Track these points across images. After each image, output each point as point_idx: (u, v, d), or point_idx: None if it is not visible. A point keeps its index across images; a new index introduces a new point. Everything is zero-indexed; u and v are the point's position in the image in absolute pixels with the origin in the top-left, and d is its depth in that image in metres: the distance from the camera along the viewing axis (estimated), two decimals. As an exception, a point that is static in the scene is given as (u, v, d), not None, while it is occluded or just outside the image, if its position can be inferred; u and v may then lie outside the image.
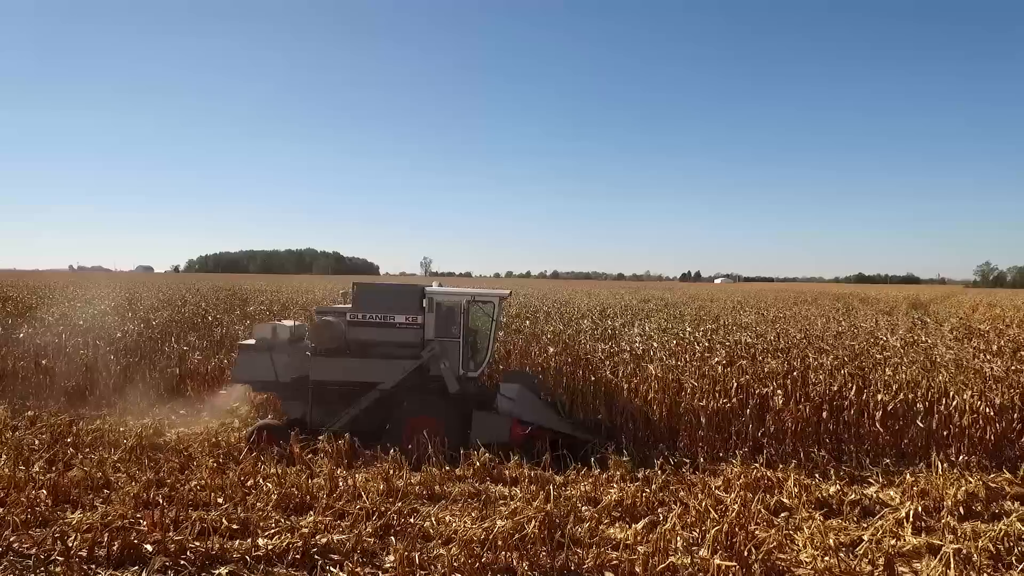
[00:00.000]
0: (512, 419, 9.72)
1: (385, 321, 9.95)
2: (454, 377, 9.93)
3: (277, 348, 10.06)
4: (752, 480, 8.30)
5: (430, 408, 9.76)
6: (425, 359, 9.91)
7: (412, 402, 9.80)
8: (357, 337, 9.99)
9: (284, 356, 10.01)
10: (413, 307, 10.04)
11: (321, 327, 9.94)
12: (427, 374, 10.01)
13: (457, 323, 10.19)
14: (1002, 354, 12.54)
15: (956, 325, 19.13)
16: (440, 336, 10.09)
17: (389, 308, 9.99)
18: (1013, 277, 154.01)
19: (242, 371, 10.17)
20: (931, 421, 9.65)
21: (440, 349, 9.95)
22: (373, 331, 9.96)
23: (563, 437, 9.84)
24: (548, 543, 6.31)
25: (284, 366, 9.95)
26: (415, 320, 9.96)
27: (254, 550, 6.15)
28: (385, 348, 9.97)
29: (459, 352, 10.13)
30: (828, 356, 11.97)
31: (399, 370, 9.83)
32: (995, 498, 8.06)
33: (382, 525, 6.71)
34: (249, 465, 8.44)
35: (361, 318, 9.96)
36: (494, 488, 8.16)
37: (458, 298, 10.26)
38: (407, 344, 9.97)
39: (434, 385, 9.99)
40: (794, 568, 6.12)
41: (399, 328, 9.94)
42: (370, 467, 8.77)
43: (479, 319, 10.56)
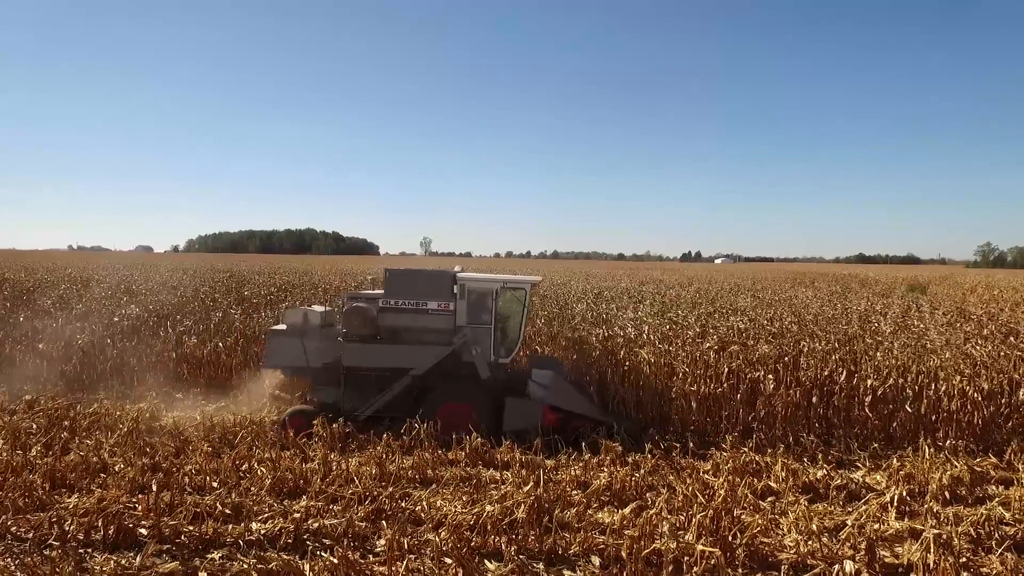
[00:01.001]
0: (544, 405, 9.83)
1: (417, 307, 9.98)
2: (485, 363, 10.02)
3: (308, 334, 10.13)
4: (740, 465, 8.39)
5: (463, 394, 9.86)
6: (457, 345, 9.97)
7: (445, 388, 9.90)
8: (389, 323, 10.03)
9: (315, 342, 10.08)
10: (445, 293, 10.07)
11: (353, 313, 9.96)
12: (458, 360, 10.07)
13: (488, 309, 10.24)
14: (993, 338, 12.61)
15: (949, 309, 19.20)
16: (471, 322, 10.14)
17: (421, 294, 10.01)
18: (1014, 257, 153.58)
19: (273, 357, 10.26)
20: (920, 406, 9.75)
21: (472, 335, 10.00)
22: (405, 317, 10.00)
23: (594, 423, 9.90)
24: (537, 527, 6.42)
25: (315, 352, 10.02)
26: (447, 306, 10.00)
27: (247, 534, 6.26)
28: (417, 334, 10.02)
29: (490, 338, 10.20)
30: (820, 341, 12.03)
31: (431, 356, 9.90)
32: (980, 482, 8.17)
33: (374, 509, 6.82)
34: (244, 450, 8.54)
35: (393, 304, 10.00)
36: (486, 472, 8.27)
37: (489, 284, 10.30)
38: (439, 330, 10.01)
39: (465, 371, 10.06)
40: (777, 552, 6.23)
41: (431, 314, 9.98)
42: (363, 451, 8.86)
43: (509, 305, 10.61)
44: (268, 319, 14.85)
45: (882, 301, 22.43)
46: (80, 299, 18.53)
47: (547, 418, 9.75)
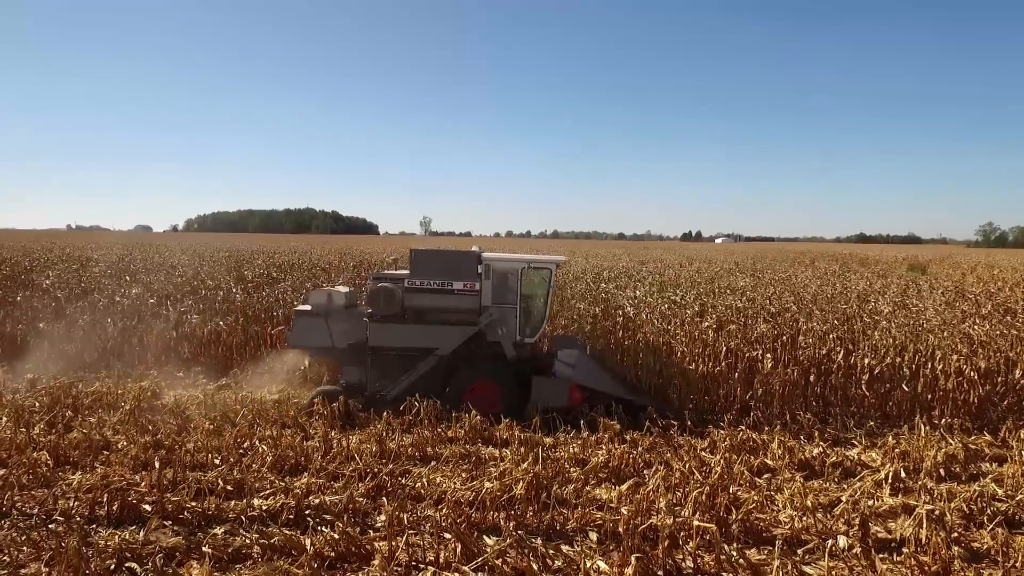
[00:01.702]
0: (571, 383, 9.91)
1: (443, 288, 10.00)
2: (511, 343, 10.08)
3: (333, 314, 10.17)
4: (737, 442, 8.48)
5: (490, 373, 9.94)
6: (483, 325, 10.02)
7: (473, 368, 9.97)
8: (414, 303, 10.04)
9: (340, 322, 10.13)
10: (471, 273, 10.08)
11: (379, 293, 9.98)
12: (484, 340, 10.13)
13: (513, 289, 10.29)
14: (991, 318, 12.63)
15: (948, 288, 19.21)
16: (496, 302, 10.19)
17: (447, 274, 10.03)
18: (1015, 237, 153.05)
19: (298, 337, 10.29)
20: (916, 384, 9.82)
21: (498, 315, 10.05)
22: (431, 297, 10.01)
23: (621, 401, 9.97)
24: (535, 503, 6.51)
25: (340, 332, 10.08)
26: (473, 287, 10.02)
27: (249, 510, 6.35)
28: (442, 314, 10.05)
29: (516, 318, 10.26)
30: (818, 320, 12.06)
31: (457, 336, 9.95)
32: (974, 460, 8.27)
33: (374, 486, 6.90)
34: (245, 427, 8.62)
35: (419, 285, 10.01)
36: (485, 450, 8.35)
37: (514, 264, 10.33)
38: (465, 310, 10.04)
39: (491, 351, 10.12)
40: (772, 528, 6.32)
41: (457, 295, 10.00)
42: (364, 429, 8.94)
43: (534, 285, 10.63)
44: (269, 298, 14.86)
45: (881, 281, 22.44)
46: (79, 279, 18.53)
47: (573, 397, 9.83)
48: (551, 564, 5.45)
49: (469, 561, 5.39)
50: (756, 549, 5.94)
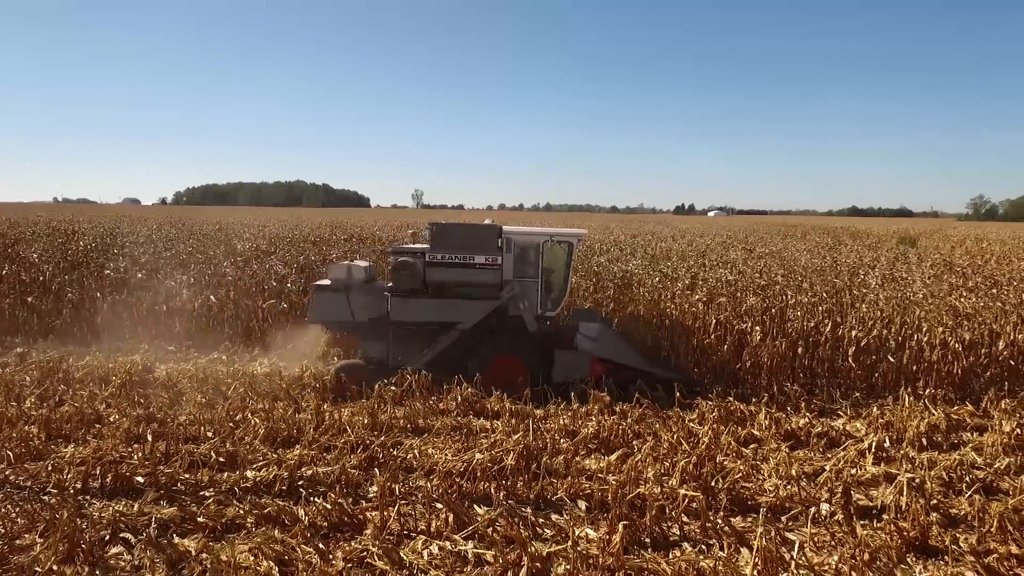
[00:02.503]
0: (593, 357, 9.99)
1: (464, 261, 10.02)
2: (533, 316, 10.13)
3: (354, 288, 10.15)
4: (725, 413, 8.61)
5: (513, 347, 9.98)
6: (504, 299, 10.05)
7: (495, 341, 10.01)
8: (436, 278, 10.05)
9: (361, 296, 10.11)
10: (492, 247, 10.09)
11: (400, 267, 9.95)
12: (506, 314, 10.17)
13: (533, 263, 10.30)
14: (977, 290, 12.77)
15: (937, 261, 19.38)
16: (518, 276, 10.22)
17: (468, 248, 10.03)
18: (1005, 210, 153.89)
19: (318, 311, 10.27)
20: (902, 356, 9.96)
21: (519, 289, 10.08)
22: (452, 271, 10.01)
23: (643, 375, 10.02)
24: (525, 474, 6.61)
25: (361, 306, 10.07)
26: (494, 260, 10.03)
27: (242, 482, 6.42)
28: (464, 288, 10.07)
29: (537, 292, 10.30)
30: (807, 293, 12.15)
31: (479, 310, 9.98)
32: (955, 429, 8.44)
33: (366, 457, 6.98)
34: (237, 401, 8.66)
35: (440, 259, 10.02)
36: (476, 422, 8.43)
37: (535, 238, 10.31)
38: (486, 284, 10.06)
39: (512, 324, 10.16)
40: (757, 496, 6.45)
41: (479, 268, 10.03)
42: (355, 402, 9.00)
43: (555, 258, 10.62)
44: (261, 272, 14.80)
45: (871, 254, 22.59)
46: (64, 253, 18.35)
47: (595, 370, 9.93)
48: (541, 532, 5.56)
49: (460, 530, 5.49)
50: (741, 517, 6.08)
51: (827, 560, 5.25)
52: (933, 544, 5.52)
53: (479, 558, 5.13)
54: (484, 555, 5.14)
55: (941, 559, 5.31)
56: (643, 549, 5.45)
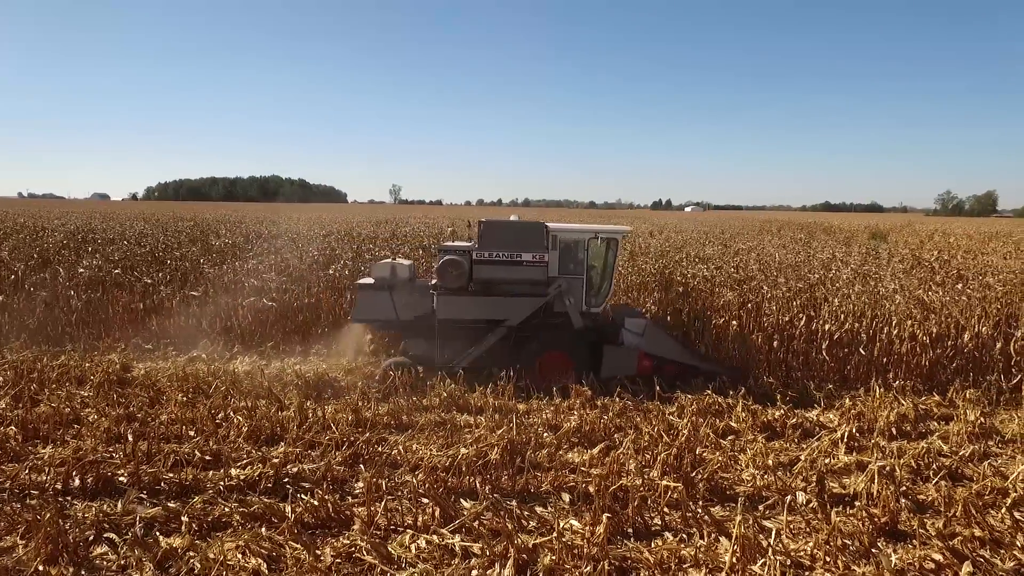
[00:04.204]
0: (639, 351, 10.12)
1: (512, 259, 10.05)
2: (578, 313, 10.21)
3: (397, 287, 10.18)
4: (703, 406, 8.80)
5: (562, 344, 10.08)
6: (551, 296, 10.12)
7: (544, 338, 10.08)
8: (483, 276, 10.08)
9: (404, 295, 10.15)
10: (539, 245, 10.14)
11: (448, 265, 9.95)
12: (551, 310, 10.24)
13: (577, 260, 10.41)
14: (944, 284, 13.18)
15: (906, 256, 19.91)
16: (563, 273, 10.32)
17: (516, 246, 10.06)
18: (971, 206, 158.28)
19: (362, 311, 10.27)
20: (873, 349, 10.26)
21: (565, 286, 10.16)
22: (500, 269, 10.05)
23: (689, 369, 10.22)
24: (510, 467, 6.71)
25: (404, 305, 10.11)
26: (542, 258, 10.08)
27: (227, 480, 6.41)
28: (511, 286, 10.11)
29: (582, 288, 10.40)
30: (782, 288, 12.43)
31: (526, 307, 10.04)
32: (923, 419, 8.74)
33: (351, 454, 7.02)
34: (219, 399, 8.61)
35: (488, 256, 10.05)
36: (460, 417, 8.50)
37: (581, 235, 10.41)
38: (533, 281, 10.12)
39: (559, 321, 10.23)
40: (735, 486, 6.64)
41: (526, 266, 10.06)
42: (339, 399, 9.01)
43: (598, 255, 10.71)
44: (240, 270, 14.66)
45: (844, 249, 23.11)
46: (33, 250, 17.95)
47: (641, 364, 10.09)
48: (526, 524, 5.67)
49: (447, 523, 5.57)
50: (720, 506, 6.25)
51: (803, 546, 5.44)
52: (903, 529, 5.74)
53: (466, 551, 5.21)
54: (471, 548, 5.22)
55: (910, 543, 5.53)
56: (626, 539, 5.58)
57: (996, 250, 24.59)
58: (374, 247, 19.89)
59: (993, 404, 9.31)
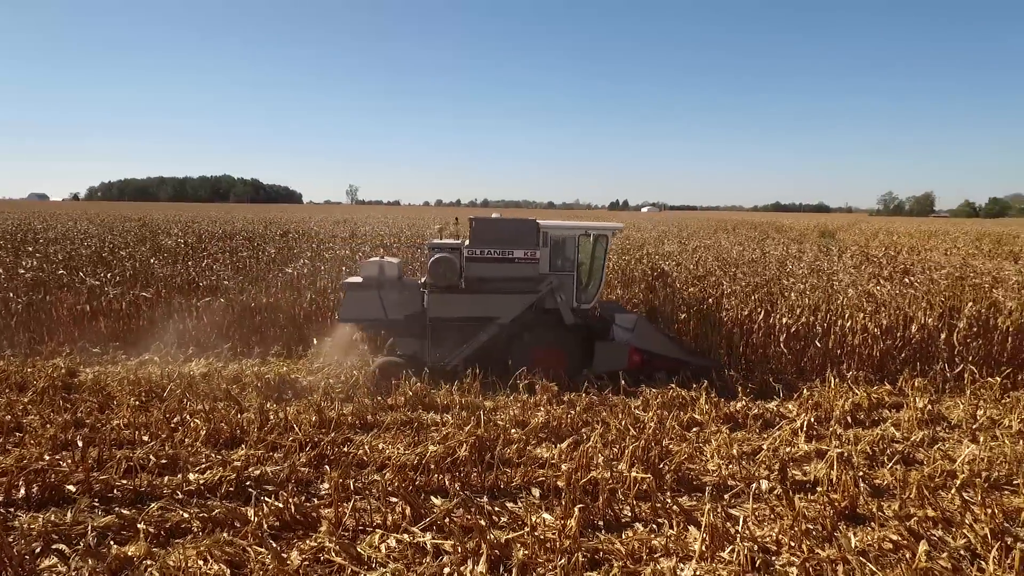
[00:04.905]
0: (630, 347, 10.13)
1: (504, 256, 9.96)
2: (569, 309, 10.17)
3: (386, 286, 9.96)
4: (668, 400, 8.92)
5: (554, 340, 10.03)
6: (543, 293, 10.05)
7: (536, 335, 10.01)
8: (475, 273, 9.98)
9: (394, 293, 9.95)
10: (531, 241, 10.07)
11: (440, 263, 9.79)
12: (543, 307, 10.18)
13: (568, 256, 10.38)
14: (892, 279, 13.72)
15: (856, 253, 20.69)
16: (554, 270, 10.28)
17: (507, 243, 9.99)
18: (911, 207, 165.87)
19: (349, 310, 10.02)
20: (828, 341, 10.60)
21: (556, 282, 10.10)
22: (492, 267, 9.97)
23: (677, 364, 10.26)
24: (479, 464, 6.65)
25: (394, 304, 9.92)
26: (533, 255, 10.02)
27: (185, 485, 6.16)
28: (503, 283, 10.01)
29: (573, 285, 10.37)
30: (741, 283, 12.72)
31: (518, 305, 9.98)
32: (876, 407, 9.06)
33: (316, 455, 6.84)
34: (174, 402, 8.28)
35: (480, 254, 9.94)
36: (426, 416, 8.40)
37: (571, 232, 10.38)
38: (525, 278, 10.06)
39: (549, 318, 10.17)
40: (702, 476, 6.75)
41: (518, 263, 9.98)
42: (301, 400, 8.79)
43: (590, 252, 10.68)
44: (191, 270, 14.17)
45: (796, 246, 23.86)
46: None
47: (632, 360, 10.12)
48: (498, 520, 5.62)
49: (418, 522, 5.48)
50: (688, 496, 6.33)
51: (769, 532, 5.56)
52: (861, 512, 5.93)
53: (438, 549, 5.14)
54: (443, 546, 5.15)
55: (869, 525, 5.72)
56: (597, 531, 5.60)
57: (936, 247, 25.79)
58: (333, 246, 19.53)
59: (939, 392, 9.72)
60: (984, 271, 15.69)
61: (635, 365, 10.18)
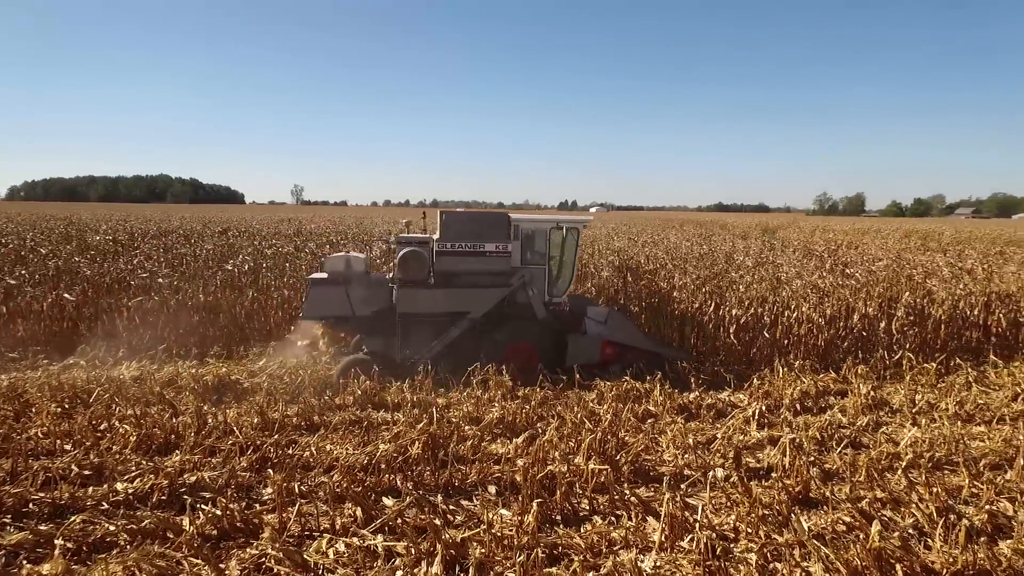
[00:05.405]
0: (603, 340, 10.00)
1: (475, 250, 9.69)
2: (541, 303, 9.99)
3: (353, 281, 9.57)
4: (622, 392, 8.88)
5: (525, 334, 9.84)
6: (515, 287, 9.82)
7: (508, 329, 9.78)
8: (445, 267, 9.69)
9: (361, 289, 9.56)
10: (502, 235, 9.81)
11: (410, 258, 9.42)
12: (515, 301, 9.96)
13: (539, 250, 10.20)
14: (833, 271, 14.17)
15: (799, 247, 21.37)
16: (526, 263, 10.09)
17: (479, 237, 9.71)
18: (844, 206, 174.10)
19: (314, 307, 9.60)
20: (775, 332, 10.80)
21: (528, 276, 9.89)
22: (463, 260, 9.72)
23: (649, 355, 10.18)
24: (432, 462, 6.41)
25: (361, 299, 9.54)
26: (505, 248, 9.77)
27: (112, 495, 5.69)
28: (474, 277, 9.75)
29: (545, 278, 10.20)
30: (690, 276, 12.87)
31: (490, 299, 9.75)
32: (823, 395, 9.27)
33: (258, 458, 6.46)
34: (101, 408, 7.69)
35: (450, 247, 9.64)
36: (376, 414, 8.08)
37: (542, 225, 10.20)
38: (497, 272, 9.80)
39: (521, 312, 9.97)
40: (659, 467, 6.70)
41: (489, 257, 9.74)
42: (243, 402, 8.33)
43: (560, 246, 10.51)
44: (122, 268, 13.34)
45: (742, 242, 24.48)
46: None
47: (604, 352, 10.03)
48: (453, 519, 5.41)
49: (368, 524, 5.20)
50: (645, 487, 6.26)
51: (726, 519, 5.53)
52: (814, 496, 5.99)
53: (390, 551, 4.88)
54: (395, 547, 4.89)
55: (822, 508, 5.77)
56: (556, 526, 5.45)
57: (870, 243, 26.93)
58: (277, 242, 18.82)
59: (880, 378, 10.04)
60: (917, 263, 16.42)
61: (608, 358, 10.16)
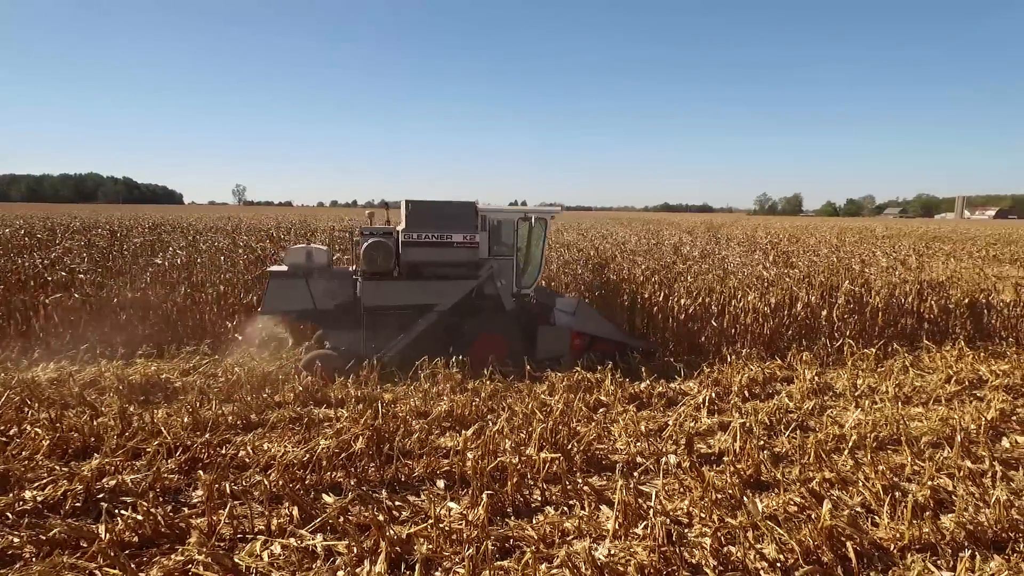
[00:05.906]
0: (572, 331, 9.92)
1: (442, 240, 9.32)
2: (510, 295, 9.72)
3: (315, 274, 9.12)
4: (573, 382, 8.76)
5: (495, 326, 9.63)
6: (483, 278, 9.50)
7: (477, 321, 9.61)
8: (411, 258, 9.35)
9: (323, 282, 9.14)
10: (470, 225, 9.44)
11: (375, 249, 9.01)
12: (483, 293, 9.63)
13: (508, 241, 9.91)
14: (776, 263, 14.51)
15: (743, 241, 21.90)
16: (494, 254, 9.79)
17: (446, 227, 9.36)
18: (783, 207, 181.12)
19: (274, 301, 9.14)
20: (723, 321, 10.92)
21: (496, 267, 9.60)
22: (429, 251, 9.39)
23: (618, 346, 10.07)
24: (377, 457, 6.11)
25: (323, 293, 9.14)
26: (472, 239, 9.40)
27: (18, 504, 5.16)
28: (441, 268, 9.40)
29: (513, 270, 9.90)
30: (641, 267, 12.93)
31: (458, 291, 9.46)
32: (770, 381, 9.40)
33: (187, 459, 6.01)
34: (11, 412, 7.03)
35: (416, 238, 9.25)
36: (318, 411, 7.70)
37: (510, 215, 9.91)
38: (464, 263, 9.47)
39: (490, 304, 9.65)
40: (611, 455, 6.58)
41: (456, 247, 9.41)
42: (173, 402, 7.79)
43: (528, 236, 10.21)
44: (39, 263, 12.40)
45: (688, 236, 24.95)
46: None
47: (574, 344, 9.88)
48: (399, 515, 5.13)
49: (307, 523, 4.87)
50: (598, 476, 6.13)
51: (680, 505, 5.45)
52: (765, 479, 5.99)
53: (330, 551, 4.57)
54: (336, 547, 4.58)
55: (773, 491, 5.77)
56: (507, 518, 5.24)
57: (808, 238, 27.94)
58: (212, 236, 17.96)
59: (824, 364, 10.27)
60: (856, 253, 17.01)
61: (577, 349, 10.06)
